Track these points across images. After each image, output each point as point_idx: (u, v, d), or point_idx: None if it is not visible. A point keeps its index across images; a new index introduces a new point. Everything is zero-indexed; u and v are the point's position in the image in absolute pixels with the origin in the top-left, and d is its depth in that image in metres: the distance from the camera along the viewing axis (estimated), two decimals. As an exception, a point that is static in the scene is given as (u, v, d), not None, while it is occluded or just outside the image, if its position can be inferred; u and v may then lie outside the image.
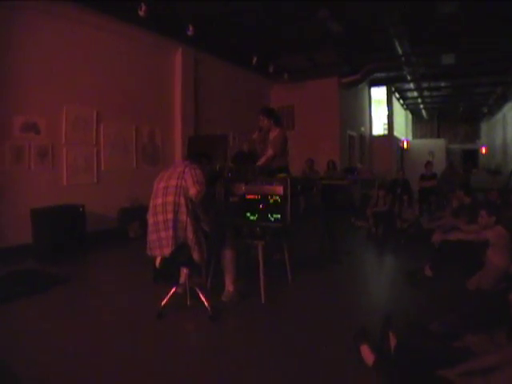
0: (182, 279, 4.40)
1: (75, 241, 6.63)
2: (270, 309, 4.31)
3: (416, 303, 4.45)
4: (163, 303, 4.01)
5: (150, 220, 3.95)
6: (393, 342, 3.02)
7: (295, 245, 5.69)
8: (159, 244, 3.86)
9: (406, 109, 24.17)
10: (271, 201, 4.59)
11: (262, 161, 5.81)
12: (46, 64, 6.95)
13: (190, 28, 8.45)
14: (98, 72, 7.85)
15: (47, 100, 6.97)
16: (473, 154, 24.79)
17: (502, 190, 7.84)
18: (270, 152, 5.83)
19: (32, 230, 6.41)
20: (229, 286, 4.41)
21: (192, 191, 3.83)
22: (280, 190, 4.57)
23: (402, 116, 23.47)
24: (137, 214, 7.63)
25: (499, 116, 21.70)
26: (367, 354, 2.99)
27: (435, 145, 21.88)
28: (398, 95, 20.19)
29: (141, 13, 7.36)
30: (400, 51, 11.14)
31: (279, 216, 4.55)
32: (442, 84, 17.46)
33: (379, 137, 18.37)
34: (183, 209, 3.80)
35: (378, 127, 19.14)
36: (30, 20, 6.70)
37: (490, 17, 9.02)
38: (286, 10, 8.46)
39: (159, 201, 3.88)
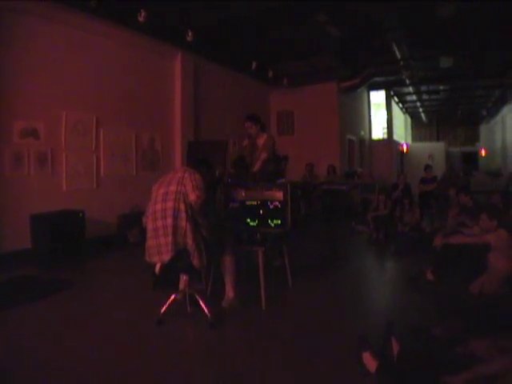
0: (182, 286, 4.36)
1: (75, 247, 6.61)
2: (271, 315, 4.28)
3: (418, 308, 4.42)
4: (163, 310, 3.98)
5: (149, 226, 3.92)
6: (395, 347, 2.99)
7: (296, 250, 5.67)
8: (158, 250, 3.82)
9: (405, 112, 24.21)
10: (271, 206, 4.57)
11: (257, 166, 5.76)
12: (45, 69, 6.94)
13: (189, 33, 8.45)
14: (97, 77, 7.84)
15: (47, 105, 6.95)
16: (472, 157, 24.85)
17: (503, 193, 7.78)
18: (264, 155, 5.78)
19: (31, 235, 6.39)
20: (229, 292, 4.37)
21: (191, 197, 3.80)
22: (280, 195, 4.55)
23: (401, 120, 23.50)
24: (136, 219, 7.54)
25: (498, 118, 21.74)
26: (369, 361, 2.95)
27: (435, 148, 21.88)
28: (397, 99, 20.23)
29: (140, 18, 7.36)
30: (399, 55, 11.15)
31: (279, 221, 4.53)
32: (441, 87, 17.47)
33: (379, 141, 18.39)
34: (183, 215, 3.77)
35: (378, 131, 19.16)
36: (30, 25, 6.69)
37: (488, 19, 9.02)
38: (285, 14, 8.45)
39: (159, 206, 3.85)
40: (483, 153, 24.50)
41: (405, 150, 21.35)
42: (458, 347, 2.97)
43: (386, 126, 18.90)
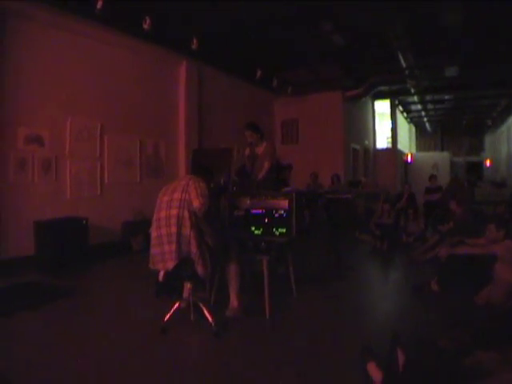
0: (186, 294, 4.32)
1: (78, 254, 6.61)
2: (275, 324, 4.24)
3: (423, 318, 4.36)
4: (166, 318, 3.94)
5: (154, 233, 3.91)
6: (401, 358, 2.93)
7: (300, 258, 5.62)
8: (162, 258, 3.81)
9: (409, 122, 24.16)
10: (276, 215, 4.55)
11: (261, 175, 5.79)
12: (50, 76, 6.97)
13: (194, 41, 8.47)
14: (102, 85, 7.87)
15: (51, 112, 6.97)
16: (477, 167, 24.74)
17: (509, 203, 7.73)
18: (267, 165, 5.83)
19: (35, 242, 6.40)
20: (233, 301, 4.33)
21: (195, 204, 3.78)
22: (285, 204, 4.54)
23: (405, 129, 23.46)
24: (140, 227, 7.58)
25: (503, 128, 21.66)
26: (374, 372, 2.91)
27: (439, 158, 21.85)
28: (401, 108, 20.19)
29: (145, 26, 7.39)
30: (404, 64, 11.14)
31: (284, 230, 4.51)
32: (446, 97, 17.45)
33: (383, 150, 18.34)
34: (187, 222, 3.75)
35: (382, 140, 19.12)
36: (35, 32, 6.73)
37: (494, 29, 9.02)
38: (290, 23, 8.47)
39: (163, 214, 3.84)
40: (488, 163, 24.40)
41: (409, 160, 21.30)
42: (465, 359, 2.92)
43: (390, 135, 18.85)
